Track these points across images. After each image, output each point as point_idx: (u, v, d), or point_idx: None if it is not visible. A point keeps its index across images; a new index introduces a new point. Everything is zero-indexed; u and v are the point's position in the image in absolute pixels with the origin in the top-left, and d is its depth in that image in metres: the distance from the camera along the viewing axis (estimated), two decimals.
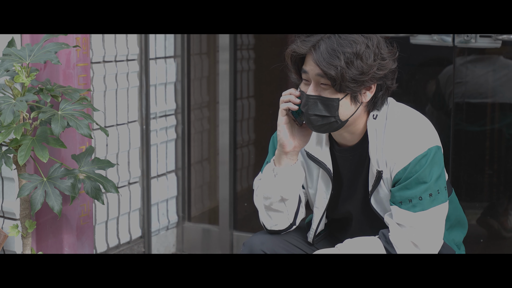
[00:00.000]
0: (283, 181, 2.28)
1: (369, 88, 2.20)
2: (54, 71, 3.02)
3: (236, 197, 3.78)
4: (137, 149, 3.59)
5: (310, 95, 2.17)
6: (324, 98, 2.16)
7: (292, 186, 2.29)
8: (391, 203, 2.22)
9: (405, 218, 2.19)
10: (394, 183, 2.22)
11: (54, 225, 3.10)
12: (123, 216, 3.54)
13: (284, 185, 2.29)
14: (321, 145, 2.33)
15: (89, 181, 2.85)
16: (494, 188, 3.40)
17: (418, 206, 2.17)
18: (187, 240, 3.89)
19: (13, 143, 2.73)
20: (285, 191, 2.30)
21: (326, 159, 2.31)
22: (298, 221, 2.40)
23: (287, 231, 2.41)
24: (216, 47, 3.77)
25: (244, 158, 3.82)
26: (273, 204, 2.32)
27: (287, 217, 2.35)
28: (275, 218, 2.35)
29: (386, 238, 2.21)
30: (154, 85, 3.67)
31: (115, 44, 3.41)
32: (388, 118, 2.24)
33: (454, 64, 3.30)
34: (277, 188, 2.29)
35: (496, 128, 3.37)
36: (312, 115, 2.18)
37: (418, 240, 2.19)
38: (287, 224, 2.37)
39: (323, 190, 2.34)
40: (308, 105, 2.18)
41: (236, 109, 3.74)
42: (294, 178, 2.29)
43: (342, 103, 2.17)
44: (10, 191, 3.10)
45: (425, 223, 2.18)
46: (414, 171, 2.17)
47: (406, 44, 3.30)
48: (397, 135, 2.20)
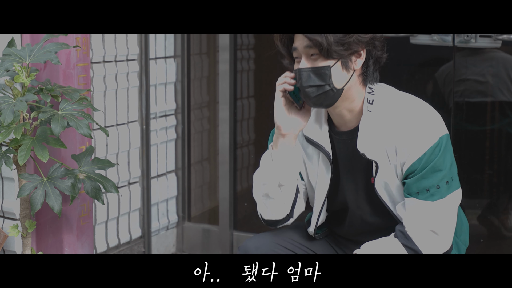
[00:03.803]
0: (280, 165, 2.28)
1: (359, 55, 2.23)
2: (54, 71, 3.02)
3: (236, 197, 3.78)
4: (137, 149, 3.59)
5: (302, 68, 2.21)
6: (316, 68, 2.20)
7: (289, 170, 2.29)
8: (407, 195, 2.21)
9: (424, 208, 2.19)
10: (407, 174, 2.21)
11: (54, 225, 3.10)
12: (123, 216, 3.54)
13: (281, 170, 2.28)
14: (320, 128, 2.33)
15: (89, 181, 2.85)
16: (494, 188, 3.40)
17: (436, 195, 2.18)
18: (187, 240, 3.89)
19: (13, 143, 2.73)
20: (282, 176, 2.29)
21: (325, 142, 2.32)
22: (295, 213, 2.39)
23: (285, 223, 2.40)
24: (216, 47, 3.77)
25: (244, 158, 3.82)
26: (270, 191, 2.31)
27: (283, 205, 2.35)
28: (272, 207, 2.35)
29: (405, 234, 2.21)
30: (154, 85, 3.67)
31: (115, 44, 3.41)
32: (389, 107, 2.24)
33: (454, 64, 3.30)
34: (274, 173, 2.29)
35: (496, 127, 3.37)
36: (307, 87, 2.21)
37: (438, 227, 2.19)
38: (284, 214, 2.37)
39: (324, 174, 2.34)
40: (302, 78, 2.21)
41: (236, 109, 3.74)
42: (291, 162, 2.29)
43: (334, 70, 2.20)
44: (10, 191, 3.10)
45: (444, 211, 2.20)
46: (430, 160, 2.18)
47: (406, 44, 3.29)
48: (407, 125, 2.21)
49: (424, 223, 2.19)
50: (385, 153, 2.23)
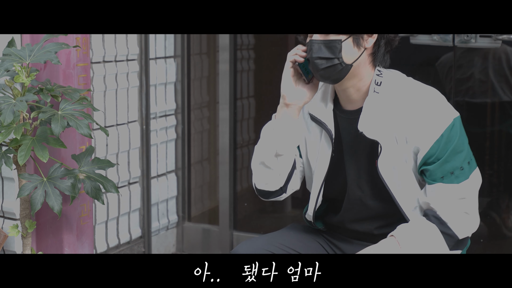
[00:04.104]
0: (280, 135, 2.29)
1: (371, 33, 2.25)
2: (54, 71, 3.02)
3: (236, 197, 3.78)
4: (137, 149, 3.59)
5: (314, 39, 2.22)
6: (327, 41, 2.21)
7: (288, 141, 2.30)
8: (432, 181, 2.21)
9: (451, 191, 2.20)
10: (427, 159, 2.21)
11: (54, 225, 3.10)
12: (123, 216, 3.54)
13: (280, 139, 2.29)
14: (325, 106, 2.34)
15: (89, 181, 2.85)
16: (494, 188, 3.40)
17: (461, 176, 2.20)
18: (187, 240, 3.89)
19: (13, 143, 2.73)
20: (280, 146, 2.30)
21: (328, 119, 2.32)
22: (289, 189, 2.40)
23: (277, 197, 2.41)
24: (216, 47, 3.77)
25: (244, 158, 3.82)
26: (267, 159, 2.32)
27: (278, 177, 2.35)
28: (266, 176, 2.35)
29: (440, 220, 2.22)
30: (154, 85, 3.67)
31: (115, 44, 3.41)
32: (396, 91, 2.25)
33: (454, 64, 3.30)
34: (273, 141, 2.30)
35: (496, 128, 3.37)
36: (317, 58, 2.21)
37: (468, 208, 2.22)
38: (277, 186, 2.37)
39: (325, 152, 2.34)
40: (313, 49, 2.22)
41: (236, 109, 3.74)
42: (291, 133, 2.30)
43: (345, 44, 2.21)
44: (10, 191, 3.10)
45: (470, 190, 2.22)
46: (449, 142, 2.19)
47: (406, 44, 3.30)
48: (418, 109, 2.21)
49: (455, 206, 2.21)
50: (391, 136, 2.23)
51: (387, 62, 2.31)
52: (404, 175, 2.25)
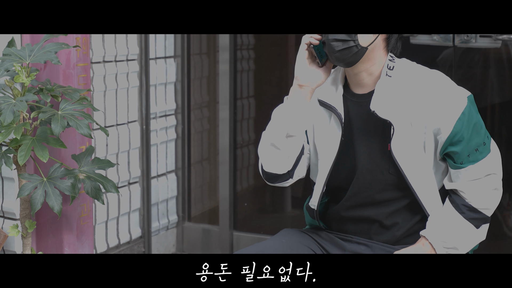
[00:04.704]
0: (292, 116, 2.28)
1: None
2: (54, 71, 3.02)
3: (236, 197, 3.78)
4: (137, 149, 3.59)
5: None
6: None
7: (299, 122, 2.29)
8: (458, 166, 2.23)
9: (478, 170, 2.23)
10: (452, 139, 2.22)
11: (54, 225, 3.10)
12: (123, 216, 3.54)
13: (292, 120, 2.28)
14: (335, 91, 2.34)
15: (89, 181, 2.85)
16: None
17: (484, 151, 2.24)
18: (187, 240, 3.89)
19: (13, 143, 2.73)
20: (292, 127, 2.29)
21: (337, 103, 2.32)
22: (295, 175, 2.38)
23: (284, 181, 2.39)
24: (216, 47, 3.77)
25: (244, 158, 3.82)
26: (277, 140, 2.31)
27: (287, 159, 2.34)
28: (275, 158, 2.34)
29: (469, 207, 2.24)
30: (154, 85, 3.67)
31: (115, 44, 3.41)
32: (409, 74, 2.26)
33: (454, 64, 3.30)
34: (284, 122, 2.29)
35: (496, 128, 3.36)
36: (332, 40, 2.21)
37: (497, 182, 2.26)
38: (285, 169, 2.36)
39: (335, 136, 2.33)
40: None
41: (236, 109, 3.74)
42: (303, 114, 2.29)
43: None
44: (10, 191, 3.10)
45: (495, 162, 2.26)
46: (471, 119, 2.22)
47: (406, 44, 3.29)
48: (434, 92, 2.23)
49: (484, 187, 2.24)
50: (404, 119, 2.23)
51: (398, 49, 2.33)
52: (421, 161, 2.25)
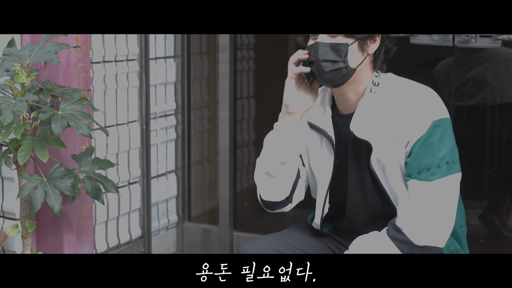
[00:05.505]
0: (284, 142, 2.29)
1: (374, 40, 2.26)
2: (54, 71, 3.02)
3: (236, 197, 3.78)
4: (137, 149, 3.59)
5: (320, 42, 2.22)
6: (334, 44, 2.22)
7: (292, 148, 2.30)
8: (407, 177, 2.22)
9: (423, 189, 2.18)
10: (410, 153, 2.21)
11: (54, 225, 3.10)
12: (123, 216, 3.54)
13: (284, 147, 2.29)
14: (323, 113, 2.35)
15: (89, 181, 2.85)
16: (494, 188, 3.40)
17: (436, 174, 2.18)
18: (187, 240, 3.89)
19: (13, 143, 2.73)
20: (285, 153, 2.30)
21: (327, 126, 2.33)
22: (294, 199, 2.40)
23: (283, 208, 2.41)
24: (216, 47, 3.77)
25: (244, 158, 3.82)
26: (272, 168, 2.32)
27: (284, 186, 2.35)
28: (272, 186, 2.35)
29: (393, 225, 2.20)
30: (154, 85, 3.67)
31: (115, 44, 3.41)
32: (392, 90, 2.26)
33: (454, 64, 3.30)
34: (277, 150, 2.30)
35: (496, 128, 3.37)
36: (323, 61, 2.22)
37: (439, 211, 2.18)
38: (283, 196, 2.37)
39: (327, 160, 2.34)
40: (319, 52, 2.22)
41: (236, 109, 3.74)
42: (295, 140, 2.30)
43: (351, 49, 2.22)
44: (10, 191, 3.10)
45: (445, 191, 2.18)
46: (430, 138, 2.19)
47: (406, 44, 3.30)
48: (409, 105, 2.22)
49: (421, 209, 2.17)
50: (383, 135, 2.24)
51: (384, 69, 2.33)
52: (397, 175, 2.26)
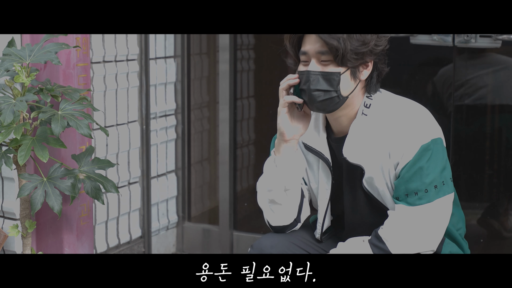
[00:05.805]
0: (285, 170, 2.29)
1: (366, 66, 2.24)
2: (54, 71, 3.02)
3: (236, 197, 3.78)
4: (137, 149, 3.59)
5: (312, 70, 2.20)
6: (326, 73, 2.19)
7: (293, 174, 2.30)
8: (395, 199, 2.22)
9: (408, 213, 2.18)
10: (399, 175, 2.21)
11: (54, 225, 3.10)
12: (123, 216, 3.54)
13: (286, 174, 2.29)
14: (318, 135, 2.34)
15: (89, 181, 2.85)
16: (494, 188, 3.40)
17: (424, 198, 2.17)
18: (187, 240, 3.89)
19: (13, 143, 2.73)
20: (287, 180, 2.29)
21: (323, 148, 2.33)
22: (302, 218, 2.40)
23: (293, 228, 2.40)
24: (216, 47, 3.77)
25: (244, 158, 3.82)
26: (276, 196, 2.31)
27: (290, 210, 2.35)
28: (279, 212, 2.35)
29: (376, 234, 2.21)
30: (154, 85, 3.67)
31: (115, 44, 3.41)
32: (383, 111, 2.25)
33: (454, 64, 3.30)
34: (279, 178, 2.29)
35: (496, 128, 3.37)
36: (314, 91, 2.20)
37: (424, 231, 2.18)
38: (291, 219, 2.37)
39: (325, 181, 2.35)
40: (310, 81, 2.20)
41: (236, 109, 3.74)
42: (295, 166, 2.30)
43: (343, 77, 2.20)
44: (10, 191, 3.10)
45: (431, 215, 2.18)
46: (418, 162, 2.17)
47: (406, 44, 3.29)
48: (399, 128, 2.21)
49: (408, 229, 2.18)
50: (375, 157, 2.23)
51: (377, 89, 2.31)
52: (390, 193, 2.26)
